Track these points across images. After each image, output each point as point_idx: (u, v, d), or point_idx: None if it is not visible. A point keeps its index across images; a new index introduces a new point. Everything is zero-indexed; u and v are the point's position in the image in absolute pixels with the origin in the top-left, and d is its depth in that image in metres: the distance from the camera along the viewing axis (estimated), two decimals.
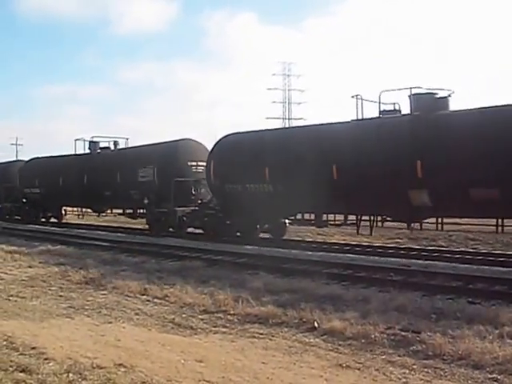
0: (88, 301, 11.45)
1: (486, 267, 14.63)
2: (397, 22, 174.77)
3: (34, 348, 7.57)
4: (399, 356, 7.44)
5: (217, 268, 15.01)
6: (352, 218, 21.70)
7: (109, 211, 32.94)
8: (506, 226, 24.78)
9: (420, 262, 15.90)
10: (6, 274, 14.96)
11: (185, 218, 24.45)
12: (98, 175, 29.45)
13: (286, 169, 20.21)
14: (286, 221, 23.37)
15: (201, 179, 24.71)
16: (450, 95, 17.57)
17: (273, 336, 8.63)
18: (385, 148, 17.48)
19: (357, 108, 19.22)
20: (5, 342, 7.87)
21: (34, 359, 7.08)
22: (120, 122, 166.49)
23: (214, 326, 9.36)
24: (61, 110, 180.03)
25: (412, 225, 20.49)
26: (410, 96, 17.87)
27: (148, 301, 11.46)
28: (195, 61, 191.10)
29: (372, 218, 21.22)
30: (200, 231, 24.81)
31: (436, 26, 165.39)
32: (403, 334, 8.33)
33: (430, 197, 16.61)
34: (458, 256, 17.17)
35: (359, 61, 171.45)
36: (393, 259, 16.53)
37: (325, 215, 21.93)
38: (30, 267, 16.00)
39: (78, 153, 32.44)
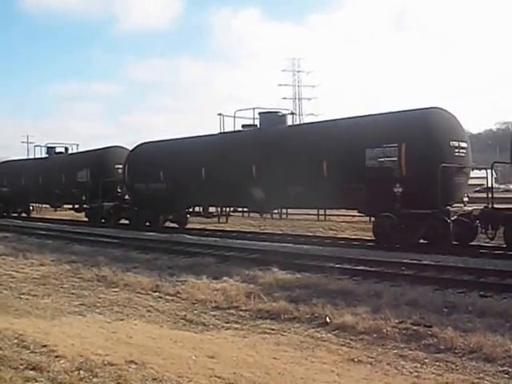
0: (100, 298, 11.48)
1: (498, 261, 14.53)
2: (401, 15, 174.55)
3: (44, 346, 7.57)
4: (411, 350, 7.42)
5: (228, 264, 15.01)
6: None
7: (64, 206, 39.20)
8: None
9: (431, 256, 15.79)
10: (18, 272, 15.04)
11: (112, 211, 30.14)
12: (49, 176, 35.52)
13: (174, 170, 26.00)
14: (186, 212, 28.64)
15: None
16: (292, 113, 24.36)
17: (284, 331, 8.62)
18: (235, 154, 22.94)
19: (220, 123, 25.23)
20: (16, 340, 7.88)
21: (44, 357, 7.09)
22: (129, 119, 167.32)
23: (226, 322, 9.38)
24: (71, 107, 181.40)
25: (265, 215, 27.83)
26: (259, 113, 23.82)
27: (160, 297, 11.48)
28: (202, 57, 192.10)
29: (228, 209, 27.41)
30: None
31: (441, 18, 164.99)
32: (415, 328, 8.30)
33: (264, 192, 22.06)
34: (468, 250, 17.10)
35: (366, 55, 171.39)
36: (403, 254, 16.43)
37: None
38: (41, 265, 16.05)
39: (36, 157, 40.19)
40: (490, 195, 17.86)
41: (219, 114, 25.22)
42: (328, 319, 8.99)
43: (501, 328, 8.04)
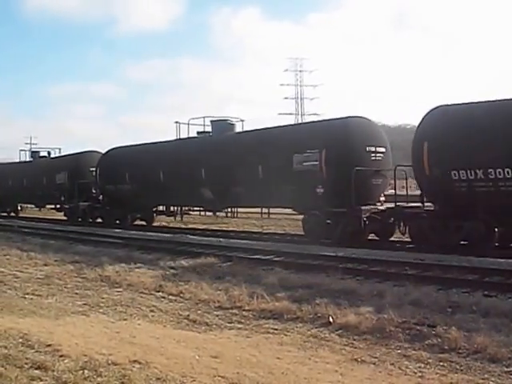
0: (103, 298, 11.48)
1: (502, 260, 14.50)
2: (402, 14, 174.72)
3: (49, 345, 7.59)
4: (414, 350, 7.40)
5: (231, 264, 15.00)
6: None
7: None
8: None
9: (434, 255, 15.77)
10: (22, 272, 15.05)
11: (87, 211, 32.57)
12: (33, 179, 38.85)
13: (137, 173, 28.94)
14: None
15: None
16: (241, 121, 27.49)
17: (288, 331, 8.61)
18: (189, 158, 25.83)
19: (177, 130, 29.27)
20: (20, 340, 7.90)
21: (49, 356, 7.10)
22: (129, 120, 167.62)
23: (229, 322, 9.37)
24: (71, 108, 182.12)
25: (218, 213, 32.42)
26: (210, 121, 27.24)
27: (163, 297, 11.48)
28: (203, 57, 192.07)
29: (183, 208, 31.13)
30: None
31: (443, 18, 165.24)
32: (418, 328, 8.27)
33: (212, 193, 24.83)
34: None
35: (367, 55, 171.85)
36: (406, 253, 16.42)
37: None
38: (45, 265, 16.06)
39: (21, 160, 45.10)
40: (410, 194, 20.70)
41: (176, 122, 29.21)
42: (331, 319, 8.98)
43: (506, 328, 8.01)
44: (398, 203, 19.40)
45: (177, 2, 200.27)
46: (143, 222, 31.86)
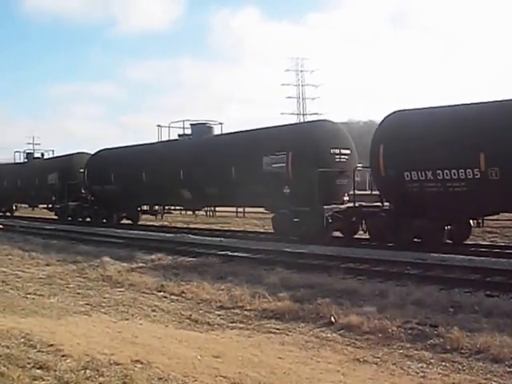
0: (105, 298, 11.49)
1: (504, 260, 14.49)
2: (402, 14, 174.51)
3: (51, 345, 7.57)
4: (417, 350, 7.39)
5: (233, 264, 15.01)
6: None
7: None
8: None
9: (436, 255, 15.77)
10: (24, 272, 15.06)
11: (76, 210, 33.62)
12: (26, 179, 39.97)
13: (122, 174, 30.15)
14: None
15: None
16: (220, 124, 28.25)
17: (289, 331, 8.60)
18: (168, 159, 27.08)
19: (158, 133, 29.52)
20: (22, 340, 7.88)
21: (51, 356, 7.09)
22: (129, 120, 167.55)
23: (231, 322, 9.37)
24: (71, 109, 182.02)
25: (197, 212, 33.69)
26: (190, 124, 28.10)
27: (165, 297, 11.48)
28: (203, 57, 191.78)
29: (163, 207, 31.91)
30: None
31: (443, 18, 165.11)
32: (421, 327, 8.27)
33: (190, 193, 25.94)
34: (473, 249, 17.18)
35: (367, 55, 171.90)
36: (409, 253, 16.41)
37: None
38: (47, 265, 16.08)
39: (16, 162, 45.22)
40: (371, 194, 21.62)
41: (158, 126, 29.77)
42: (333, 319, 8.97)
43: (508, 328, 7.98)
44: (361, 203, 20.34)
45: (176, 3, 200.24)
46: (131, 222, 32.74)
